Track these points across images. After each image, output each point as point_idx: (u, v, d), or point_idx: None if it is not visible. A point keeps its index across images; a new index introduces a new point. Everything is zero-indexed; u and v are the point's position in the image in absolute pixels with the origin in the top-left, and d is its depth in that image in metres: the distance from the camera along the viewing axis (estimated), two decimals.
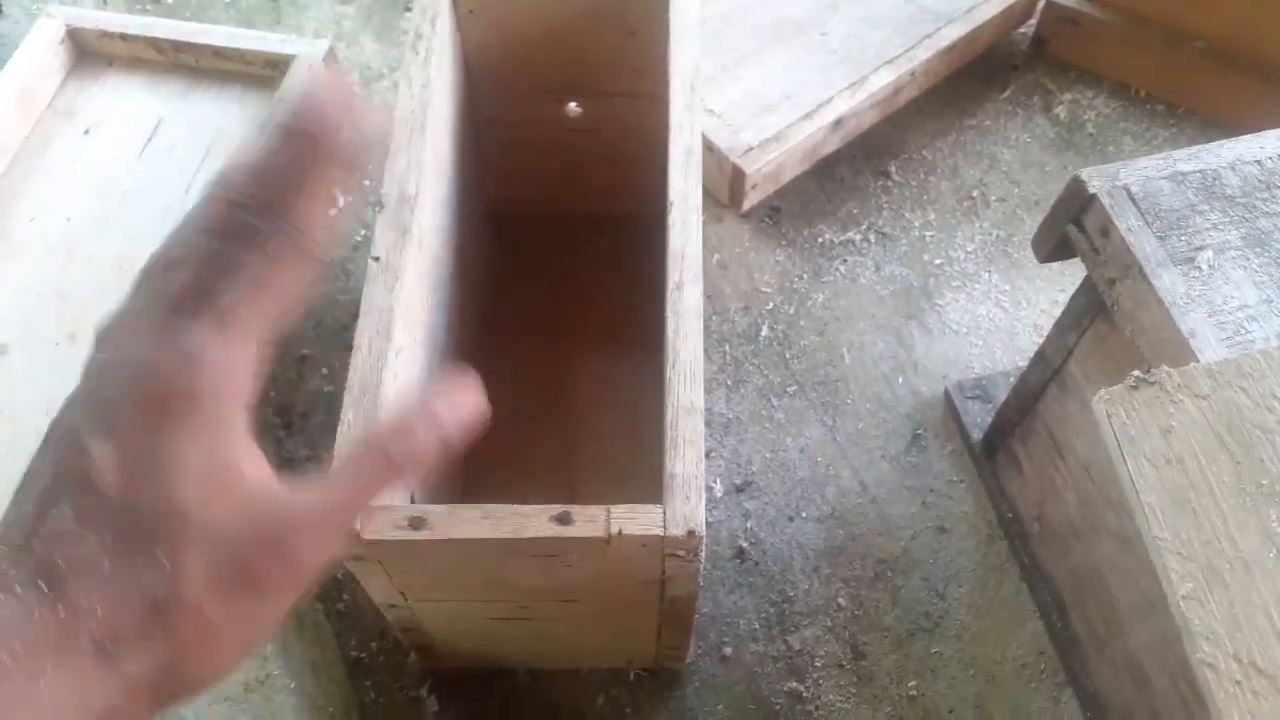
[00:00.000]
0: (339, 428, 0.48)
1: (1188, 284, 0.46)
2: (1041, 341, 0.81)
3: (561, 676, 0.66)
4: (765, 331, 0.80)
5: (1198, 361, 0.44)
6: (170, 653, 0.29)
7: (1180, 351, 0.45)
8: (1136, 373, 0.42)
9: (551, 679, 0.66)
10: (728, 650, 0.67)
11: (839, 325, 0.80)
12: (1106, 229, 0.48)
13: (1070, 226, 0.51)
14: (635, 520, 0.45)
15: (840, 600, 0.69)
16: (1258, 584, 0.38)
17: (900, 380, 0.78)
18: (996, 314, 0.81)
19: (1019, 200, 0.87)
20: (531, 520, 0.45)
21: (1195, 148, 0.50)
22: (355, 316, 0.83)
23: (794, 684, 0.66)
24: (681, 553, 0.46)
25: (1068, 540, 0.64)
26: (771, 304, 0.81)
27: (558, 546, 0.46)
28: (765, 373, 0.78)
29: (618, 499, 0.72)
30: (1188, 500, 0.40)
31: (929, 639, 0.67)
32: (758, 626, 0.68)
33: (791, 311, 0.81)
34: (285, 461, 0.73)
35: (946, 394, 0.76)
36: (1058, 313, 0.81)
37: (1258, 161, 0.50)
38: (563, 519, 0.45)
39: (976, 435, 0.73)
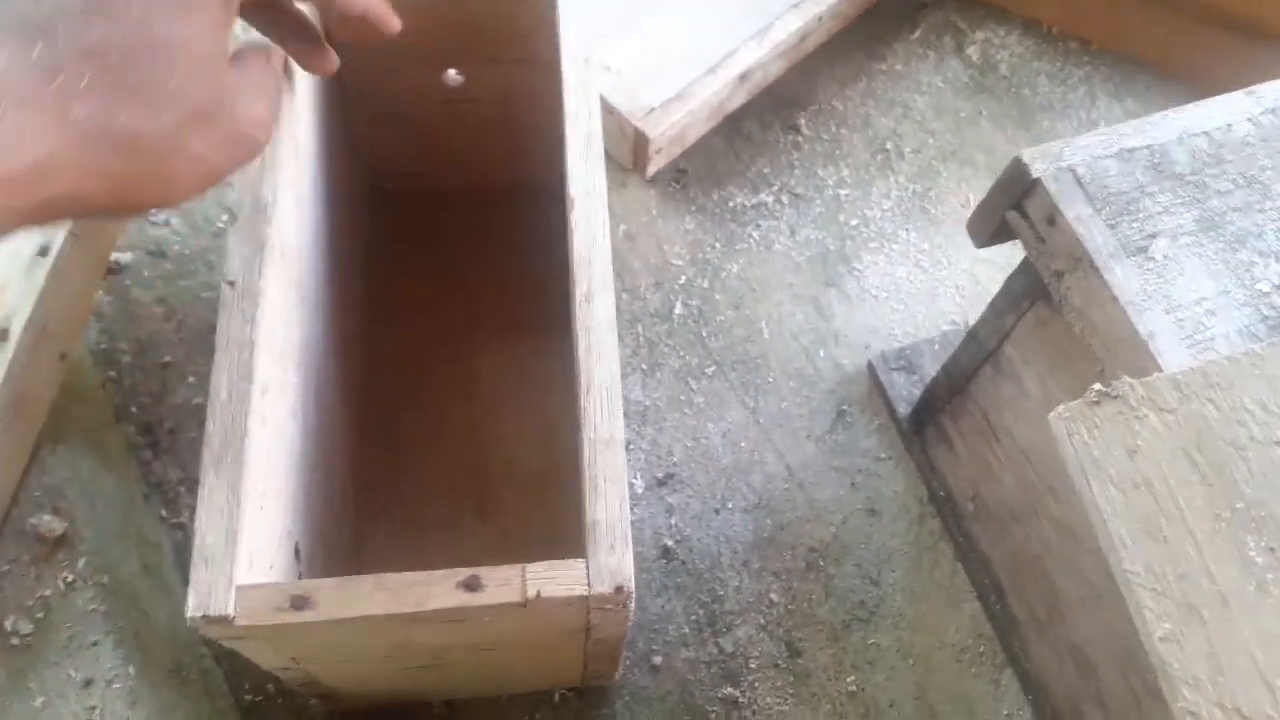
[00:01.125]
0: (200, 491, 0.41)
1: (1143, 277, 0.42)
2: (963, 302, 0.77)
3: (481, 702, 0.61)
4: (679, 309, 0.74)
5: (1158, 364, 0.41)
6: (121, 147, 0.33)
7: (1137, 353, 0.41)
8: (1097, 386, 0.39)
9: (470, 706, 0.61)
10: (657, 659, 0.63)
11: (755, 297, 0.75)
12: (1053, 217, 0.44)
13: (1011, 212, 0.46)
14: (554, 580, 0.40)
15: (772, 595, 0.65)
16: (1237, 621, 0.35)
17: (821, 353, 0.73)
18: (916, 275, 0.77)
19: (934, 151, 0.83)
20: (435, 590, 0.39)
21: (1139, 120, 0.46)
22: None
23: (729, 689, 0.62)
24: (609, 607, 0.41)
25: (1005, 523, 0.61)
26: (684, 277, 0.76)
27: (468, 614, 0.40)
28: (681, 354, 0.73)
29: (530, 508, 0.66)
30: (1159, 529, 0.37)
31: (865, 629, 0.65)
32: (688, 630, 0.64)
33: (705, 285, 0.75)
34: (154, 487, 0.65)
35: (870, 366, 0.72)
36: (980, 270, 0.78)
37: (1205, 133, 0.46)
38: (471, 585, 0.40)
39: (903, 409, 0.70)
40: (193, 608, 0.39)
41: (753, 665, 0.63)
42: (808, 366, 0.73)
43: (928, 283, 0.77)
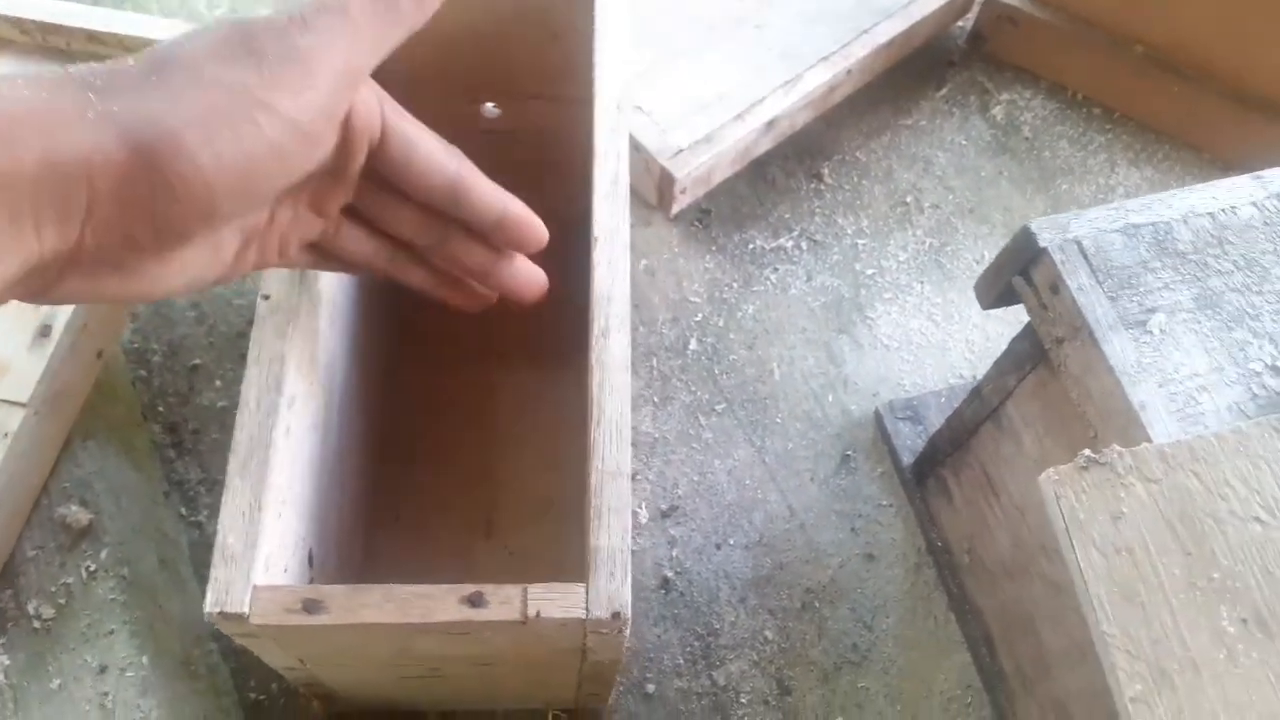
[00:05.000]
0: (224, 494, 0.43)
1: (1138, 350, 0.44)
2: (972, 358, 0.79)
3: (476, 715, 0.63)
4: (694, 345, 0.76)
5: (1147, 435, 0.42)
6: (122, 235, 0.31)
7: (1129, 423, 0.43)
8: (1087, 452, 0.40)
9: (464, 719, 0.63)
10: (651, 688, 0.64)
11: (769, 339, 0.77)
12: (1056, 286, 0.46)
13: (1017, 278, 0.48)
14: (554, 602, 0.42)
15: (767, 633, 0.67)
16: (1206, 687, 0.36)
17: (830, 398, 0.75)
18: (928, 328, 0.79)
19: (953, 207, 0.84)
20: (440, 603, 0.41)
21: (1147, 197, 0.48)
22: (251, 323, 0.78)
23: None
24: (605, 631, 0.43)
25: (998, 578, 0.63)
26: (700, 315, 0.78)
27: (470, 627, 0.42)
28: (693, 389, 0.75)
29: (536, 531, 0.68)
30: (1137, 594, 0.38)
31: (855, 672, 0.66)
32: (682, 661, 0.65)
33: (721, 323, 0.77)
34: (175, 485, 0.68)
35: (877, 414, 0.74)
36: (990, 327, 0.80)
37: (1210, 214, 0.48)
38: (474, 600, 0.41)
39: (907, 459, 0.71)
40: (210, 603, 0.41)
41: (743, 700, 0.65)
42: (816, 410, 0.74)
43: (939, 336, 0.78)
